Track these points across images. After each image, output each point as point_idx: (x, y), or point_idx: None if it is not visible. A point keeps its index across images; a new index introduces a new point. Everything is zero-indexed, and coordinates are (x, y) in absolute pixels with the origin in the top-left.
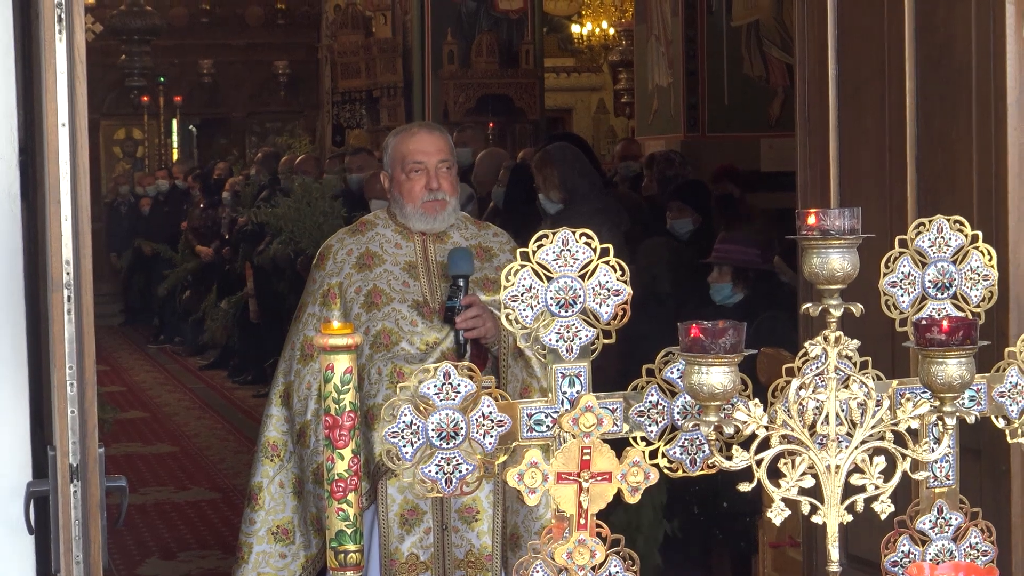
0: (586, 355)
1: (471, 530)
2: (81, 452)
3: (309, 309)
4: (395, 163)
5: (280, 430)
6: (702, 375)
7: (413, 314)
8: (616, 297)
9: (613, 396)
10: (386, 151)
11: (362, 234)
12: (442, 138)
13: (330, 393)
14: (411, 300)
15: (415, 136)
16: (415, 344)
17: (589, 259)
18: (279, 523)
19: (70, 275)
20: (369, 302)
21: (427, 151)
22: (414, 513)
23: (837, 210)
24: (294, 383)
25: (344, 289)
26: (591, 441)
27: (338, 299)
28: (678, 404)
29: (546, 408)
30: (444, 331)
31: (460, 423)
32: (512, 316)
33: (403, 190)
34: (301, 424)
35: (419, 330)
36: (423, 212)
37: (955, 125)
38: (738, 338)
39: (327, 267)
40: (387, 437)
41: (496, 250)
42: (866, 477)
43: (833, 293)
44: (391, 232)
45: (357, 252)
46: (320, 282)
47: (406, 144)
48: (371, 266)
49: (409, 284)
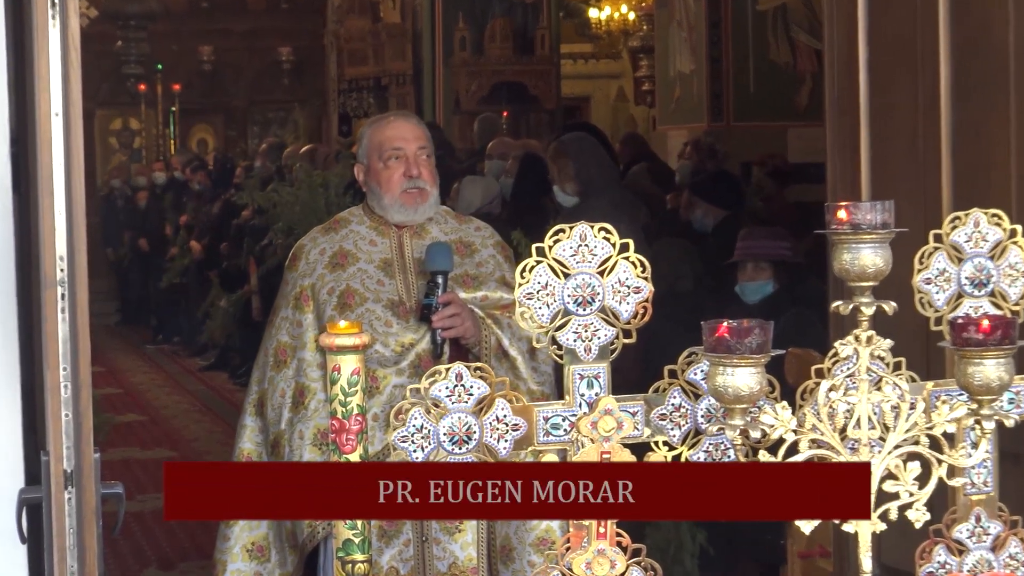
0: (605, 355)
1: (454, 541)
2: (76, 457)
3: (282, 313)
4: (371, 152)
5: (254, 441)
6: (727, 376)
7: (388, 314)
8: (637, 294)
9: (634, 398)
10: (361, 141)
11: (336, 232)
12: (420, 127)
13: (336, 396)
14: (386, 299)
15: (392, 123)
16: (390, 346)
17: (608, 255)
18: (254, 540)
19: (64, 272)
20: (342, 303)
21: (406, 138)
22: (392, 524)
23: (868, 203)
24: (267, 391)
25: (317, 291)
26: (611, 446)
27: (311, 301)
28: (702, 407)
29: (563, 411)
30: (420, 331)
31: (473, 427)
32: (528, 314)
33: (380, 179)
34: (275, 434)
35: (394, 331)
36: (402, 203)
37: (993, 112)
38: (765, 337)
39: (299, 268)
40: (396, 441)
41: (478, 245)
42: (900, 484)
43: (864, 290)
44: (365, 229)
45: (330, 251)
46: (292, 284)
47: (383, 131)
48: (344, 265)
49: (384, 283)
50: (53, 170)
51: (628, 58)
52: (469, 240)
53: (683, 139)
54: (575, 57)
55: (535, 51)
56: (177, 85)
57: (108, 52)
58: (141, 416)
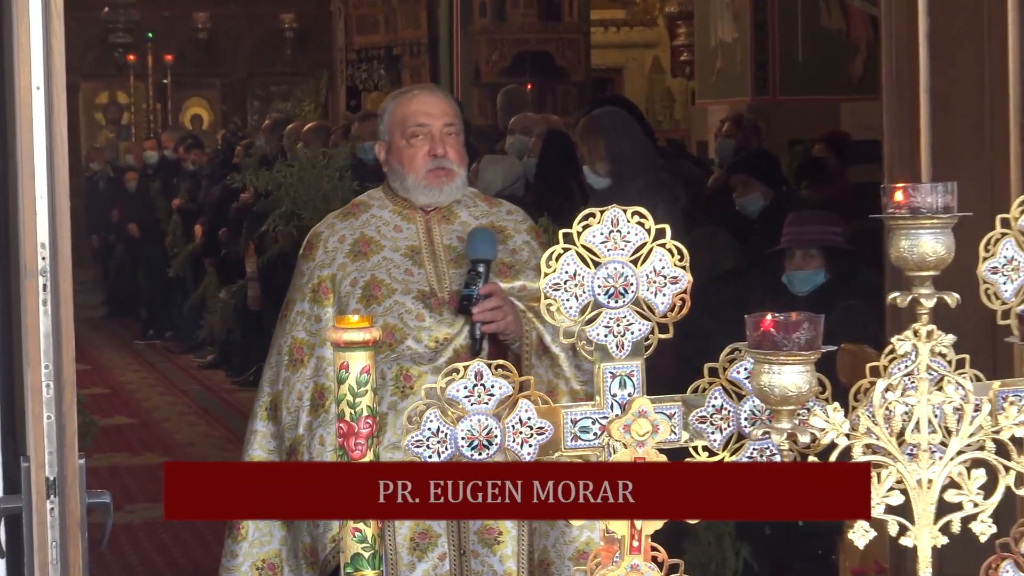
0: (639, 352)
1: (493, 554)
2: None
3: (297, 307)
4: (394, 128)
5: (266, 448)
6: (773, 375)
7: (419, 307)
8: (674, 285)
9: (671, 399)
10: (382, 117)
11: (355, 217)
12: (448, 101)
13: (344, 396)
14: (416, 290)
15: (417, 97)
16: (423, 341)
17: (643, 241)
18: (264, 557)
19: (46, 260)
20: (367, 295)
21: (431, 113)
22: (425, 536)
23: (929, 185)
24: (282, 393)
25: (338, 282)
26: (645, 451)
27: (331, 294)
28: (745, 409)
29: (593, 413)
30: (456, 325)
31: (494, 430)
32: (554, 307)
33: (403, 158)
34: (292, 440)
35: (427, 325)
36: (426, 184)
37: None
38: (815, 332)
39: (317, 257)
40: (410, 446)
41: (511, 230)
42: (963, 493)
43: (924, 281)
44: (388, 213)
45: (351, 239)
46: (309, 275)
47: (407, 106)
48: (367, 254)
49: (412, 272)
50: (34, 149)
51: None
52: (501, 225)
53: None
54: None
55: (562, 18)
56: (169, 55)
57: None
58: (130, 419)
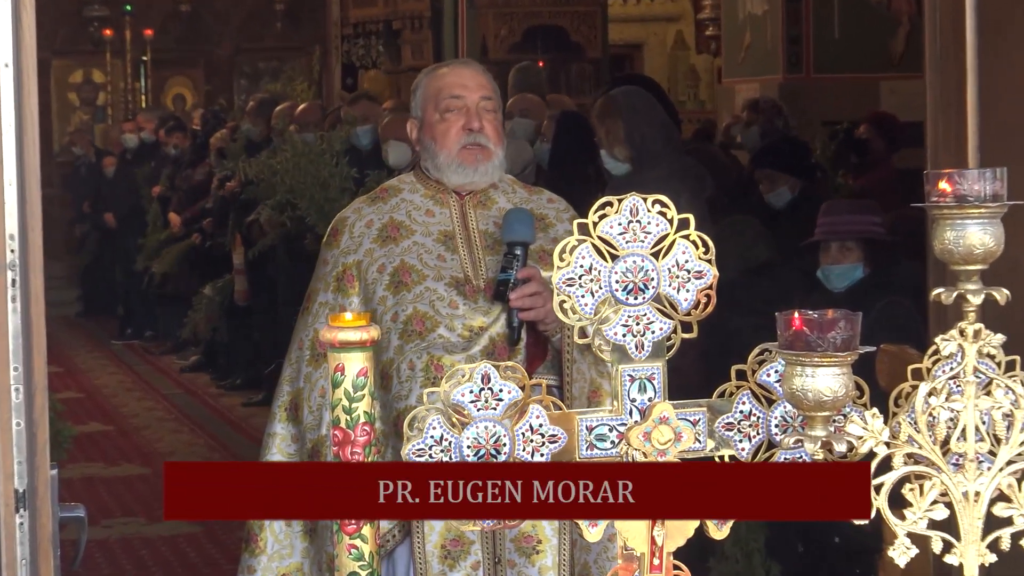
0: (661, 353)
1: (531, 564)
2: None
3: (320, 297)
4: (427, 102)
5: (286, 452)
6: (807, 378)
7: (452, 294)
8: (698, 280)
9: (695, 404)
10: (415, 92)
11: (384, 202)
12: (484, 75)
13: (339, 401)
14: (448, 277)
15: (453, 69)
16: (456, 330)
17: (664, 232)
18: (285, 571)
19: (15, 253)
20: (396, 282)
21: (466, 85)
22: (458, 544)
23: (976, 171)
24: (303, 390)
25: (364, 269)
26: (666, 461)
27: (356, 282)
28: (776, 415)
29: (610, 420)
30: (493, 313)
31: (503, 438)
32: (567, 304)
33: (435, 133)
34: (314, 441)
35: (460, 312)
36: (460, 162)
37: None
38: (852, 331)
39: (342, 243)
40: (411, 455)
41: (552, 219)
42: (1013, 507)
43: (971, 275)
44: (420, 197)
45: (379, 223)
46: (333, 263)
47: (442, 78)
48: (397, 239)
49: (445, 258)
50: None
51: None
52: (542, 213)
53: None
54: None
55: None
56: (149, 30)
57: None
58: (106, 426)
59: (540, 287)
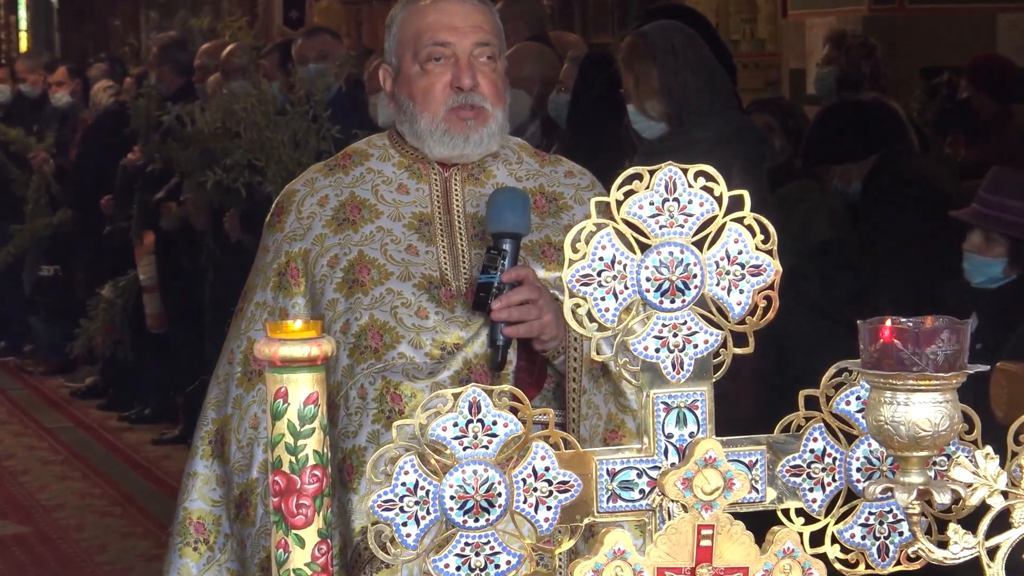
0: (705, 374)
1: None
2: None
3: (258, 296)
4: (403, 48)
5: (210, 499)
6: (899, 407)
7: (422, 299)
8: (756, 278)
9: (752, 442)
10: (389, 30)
11: (345, 172)
12: (482, 11)
13: (281, 437)
14: (419, 276)
15: (437, 4)
16: (423, 347)
17: (711, 214)
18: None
19: None
20: (351, 280)
21: (456, 27)
22: None
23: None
24: (232, 419)
25: (312, 261)
26: (714, 516)
27: (302, 278)
28: (858, 455)
29: (639, 461)
30: (473, 326)
31: (497, 486)
32: (583, 309)
33: (414, 90)
34: (242, 486)
35: (430, 324)
36: (446, 128)
37: None
38: (959, 346)
39: (287, 225)
40: (375, 508)
41: (568, 199)
42: None
43: None
44: (392, 168)
45: (335, 200)
46: (275, 251)
47: (423, 16)
48: (356, 222)
49: (417, 250)
50: None
51: None
52: (555, 191)
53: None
54: None
55: None
56: None
57: None
58: None
59: (532, 294)
